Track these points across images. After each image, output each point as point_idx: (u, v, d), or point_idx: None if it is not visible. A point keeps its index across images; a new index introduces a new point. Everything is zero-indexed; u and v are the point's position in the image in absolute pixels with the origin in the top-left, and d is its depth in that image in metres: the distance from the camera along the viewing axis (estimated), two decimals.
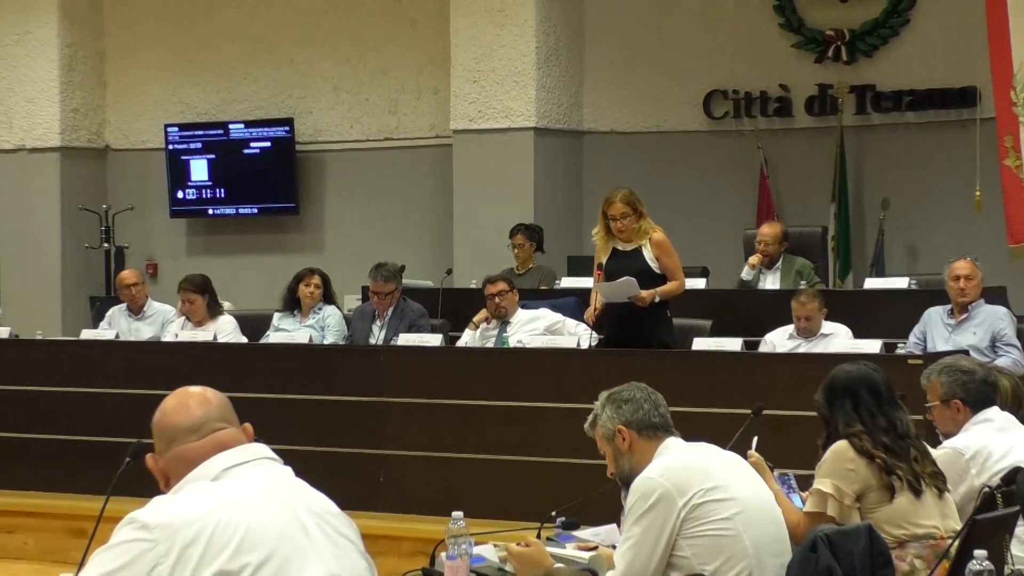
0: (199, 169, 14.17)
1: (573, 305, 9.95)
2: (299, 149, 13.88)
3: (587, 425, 5.00)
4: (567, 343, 9.23)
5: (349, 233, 13.71)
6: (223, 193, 14.18)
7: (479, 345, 9.79)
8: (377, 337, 10.03)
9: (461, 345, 9.90)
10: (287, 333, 10.17)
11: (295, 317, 10.41)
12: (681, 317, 9.20)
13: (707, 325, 9.48)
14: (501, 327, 9.85)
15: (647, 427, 4.86)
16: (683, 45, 12.80)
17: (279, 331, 10.28)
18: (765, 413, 6.36)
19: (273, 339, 10.16)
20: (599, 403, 4.97)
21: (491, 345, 9.74)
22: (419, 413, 9.01)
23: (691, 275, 9.77)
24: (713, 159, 12.79)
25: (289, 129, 13.85)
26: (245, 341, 10.28)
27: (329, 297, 10.54)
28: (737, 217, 12.29)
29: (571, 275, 11.21)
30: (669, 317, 8.93)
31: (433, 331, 9.89)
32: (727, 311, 9.93)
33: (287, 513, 3.29)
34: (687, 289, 9.15)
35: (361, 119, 13.82)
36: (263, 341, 10.19)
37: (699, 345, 8.83)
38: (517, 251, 11.60)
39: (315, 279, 10.48)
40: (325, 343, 10.11)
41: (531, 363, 9.00)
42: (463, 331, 10.09)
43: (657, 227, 8.84)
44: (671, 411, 4.94)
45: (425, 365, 9.22)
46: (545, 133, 12.75)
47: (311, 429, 8.93)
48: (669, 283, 8.76)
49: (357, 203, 13.79)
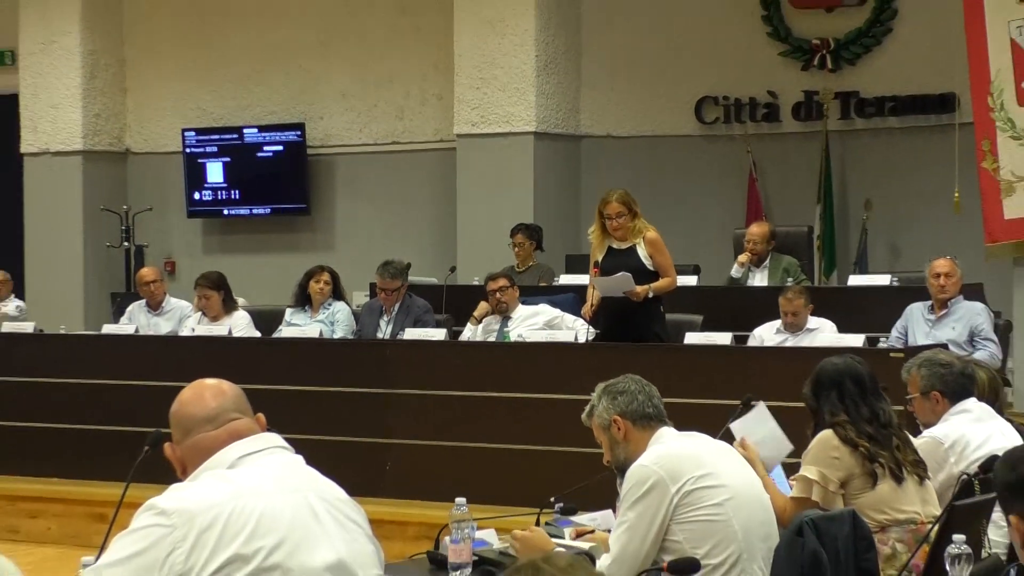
0: (215, 171, 14.17)
1: (571, 301, 9.95)
2: (310, 153, 13.87)
3: (584, 415, 5.00)
4: (565, 337, 9.23)
5: (358, 233, 13.71)
6: (238, 194, 14.17)
7: (481, 339, 9.79)
8: (384, 331, 10.03)
9: (464, 339, 9.90)
10: (298, 328, 10.17)
11: (306, 312, 10.41)
12: (673, 312, 9.20)
13: (698, 320, 9.48)
14: (502, 322, 9.85)
15: (641, 417, 4.86)
16: (676, 54, 12.79)
17: (291, 326, 10.28)
18: (754, 404, 6.35)
19: (285, 333, 10.16)
20: (596, 394, 4.97)
21: (493, 339, 9.74)
22: (424, 404, 9.01)
23: (683, 272, 9.75)
24: (704, 162, 12.79)
25: (300, 133, 13.84)
26: (258, 335, 10.28)
27: (338, 293, 10.54)
28: (727, 217, 12.29)
29: (569, 272, 11.21)
30: (662, 312, 8.93)
31: (437, 326, 9.89)
32: (718, 307, 9.92)
33: (298, 500, 3.29)
34: (679, 286, 9.15)
35: (369, 124, 13.81)
36: (276, 335, 10.19)
37: (691, 339, 8.84)
38: (517, 250, 11.59)
39: (325, 276, 10.48)
40: (335, 337, 10.11)
41: (531, 356, 9.00)
42: (466, 326, 10.10)
43: (650, 226, 8.84)
44: (664, 402, 4.94)
45: (430, 358, 9.22)
46: (544, 137, 12.75)
47: (321, 419, 8.93)
48: (662, 280, 8.75)
49: (365, 204, 13.79)
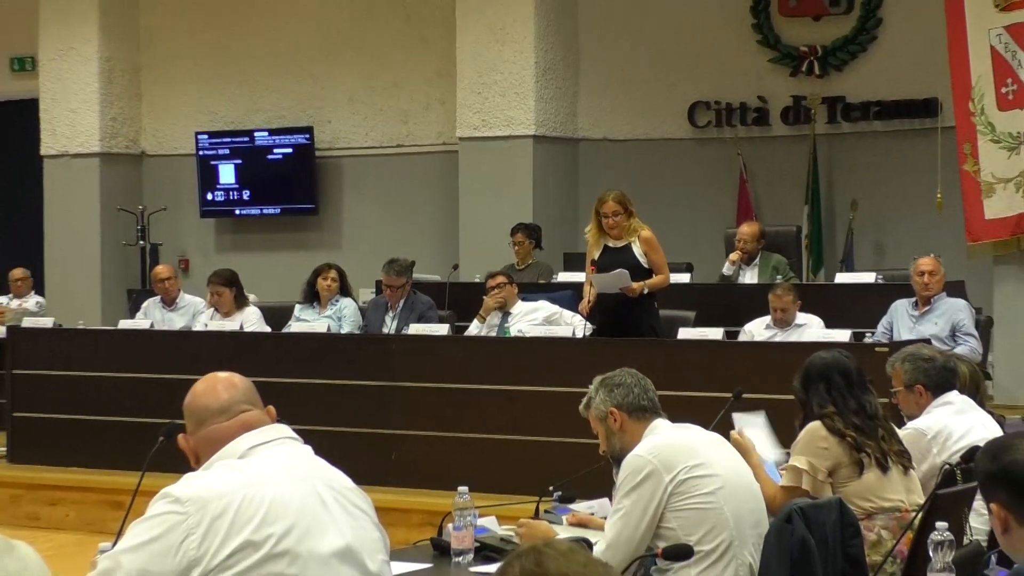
0: (227, 173, 14.16)
1: (569, 297, 9.94)
2: (318, 155, 13.87)
3: (582, 407, 5.00)
4: (563, 332, 9.22)
5: (364, 232, 13.71)
6: (248, 195, 14.17)
7: (484, 334, 9.79)
8: (389, 327, 10.03)
9: (467, 334, 9.90)
10: (307, 323, 10.17)
11: (314, 308, 10.41)
12: (667, 308, 9.20)
13: (691, 316, 9.48)
14: (503, 318, 9.85)
15: (637, 409, 4.85)
16: (669, 60, 12.78)
17: (300, 321, 10.28)
18: (744, 396, 6.35)
19: (294, 328, 10.15)
20: (593, 387, 4.97)
21: (494, 334, 9.74)
22: (427, 396, 9.01)
23: (676, 270, 9.76)
24: (697, 164, 12.78)
25: (309, 137, 13.84)
26: (269, 330, 10.27)
27: (345, 290, 10.54)
28: (718, 217, 12.29)
29: (567, 270, 11.20)
30: (656, 308, 8.93)
31: (440, 321, 9.89)
32: (710, 303, 9.92)
33: (307, 488, 3.29)
34: (672, 283, 9.15)
35: (375, 128, 13.81)
36: (285, 330, 10.18)
37: (684, 334, 8.83)
38: (517, 248, 11.59)
39: (332, 273, 10.48)
40: (342, 332, 10.11)
41: (530, 351, 8.99)
42: (468, 321, 10.09)
43: (645, 225, 8.84)
44: (659, 394, 4.94)
45: (433, 352, 9.22)
46: (543, 140, 12.74)
47: (329, 411, 8.93)
48: (656, 277, 8.76)
49: (371, 204, 13.79)
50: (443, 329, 9.59)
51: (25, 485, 9.66)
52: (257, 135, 14.04)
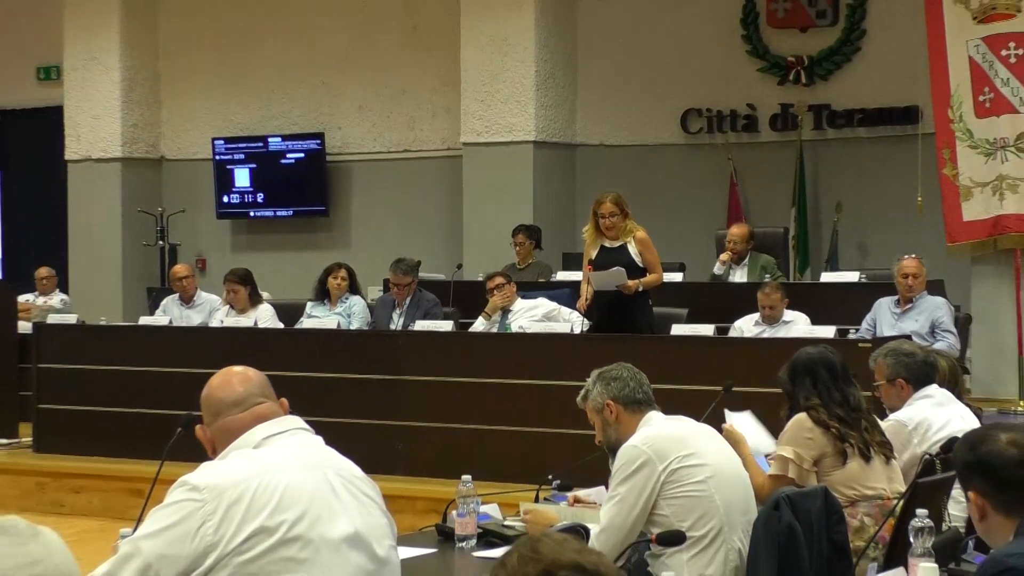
0: (242, 177, 14.17)
1: (567, 295, 9.94)
2: (329, 160, 13.87)
3: (579, 399, 5.00)
4: (562, 328, 9.23)
5: (372, 233, 13.70)
6: (263, 198, 14.17)
7: (486, 330, 9.79)
8: (396, 323, 10.03)
9: (471, 330, 9.89)
10: (318, 320, 10.17)
11: (325, 306, 10.41)
12: (661, 306, 9.20)
13: (684, 313, 9.48)
14: (504, 315, 9.85)
15: (632, 402, 4.85)
16: (663, 70, 12.78)
17: (311, 318, 10.27)
18: (734, 390, 6.36)
19: (306, 325, 10.15)
20: (590, 380, 4.97)
21: (496, 330, 9.74)
22: (433, 389, 9.00)
23: (669, 269, 9.75)
24: (689, 169, 12.78)
25: (320, 142, 13.84)
26: (281, 327, 10.27)
27: (355, 288, 10.54)
28: (710, 219, 12.28)
29: (565, 269, 11.21)
30: (650, 306, 8.93)
31: (445, 318, 9.89)
32: (701, 301, 9.92)
33: (318, 476, 3.29)
34: (666, 281, 9.15)
35: (383, 134, 13.81)
36: (297, 327, 10.18)
37: (677, 330, 8.83)
38: (518, 248, 11.59)
39: (342, 272, 10.48)
40: (351, 328, 10.11)
41: (530, 346, 8.99)
42: (472, 318, 10.08)
43: (640, 226, 8.85)
44: (653, 388, 4.94)
45: (438, 348, 9.21)
46: (543, 146, 12.74)
47: (339, 403, 8.92)
48: (650, 275, 8.76)
49: (380, 207, 13.79)
50: (448, 325, 9.59)
51: (50, 474, 9.67)
52: (271, 141, 14.04)
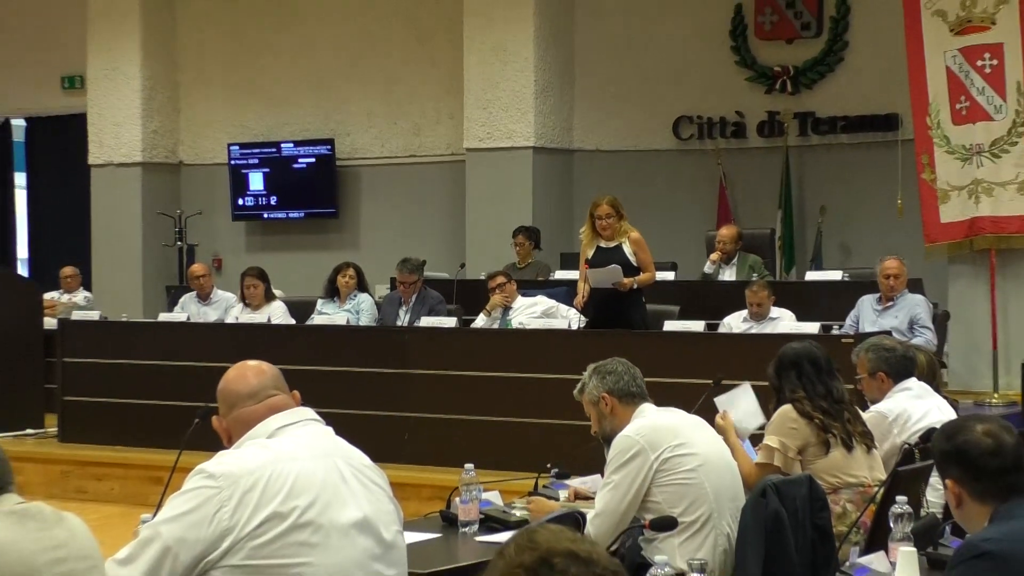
0: (256, 180, 14.16)
1: (565, 293, 9.94)
2: (339, 164, 13.87)
3: (576, 392, 5.00)
4: (560, 325, 9.22)
5: (380, 234, 13.70)
6: (276, 200, 14.17)
7: (488, 327, 9.79)
8: (403, 320, 10.03)
9: (473, 327, 9.90)
10: (328, 316, 10.17)
11: (335, 303, 10.41)
12: (654, 303, 9.19)
13: (675, 310, 9.47)
14: (505, 311, 9.86)
15: (626, 395, 4.85)
16: (656, 79, 12.78)
17: (321, 314, 10.27)
18: (724, 383, 6.35)
19: (316, 321, 10.15)
20: (586, 374, 4.97)
21: (497, 326, 9.74)
22: (437, 382, 9.00)
23: (662, 268, 9.75)
24: (680, 173, 12.78)
25: (331, 148, 13.84)
26: (293, 323, 10.27)
27: (363, 286, 10.54)
28: (700, 221, 12.28)
29: (563, 268, 11.21)
30: (644, 303, 8.92)
31: (449, 315, 9.89)
32: (692, 298, 9.92)
33: (329, 464, 3.29)
34: (658, 280, 9.15)
35: (390, 140, 13.81)
36: (308, 323, 10.19)
37: (669, 326, 8.83)
38: (518, 248, 11.59)
39: (350, 271, 10.48)
40: (360, 324, 10.11)
41: (530, 341, 8.99)
42: (475, 314, 10.09)
43: (634, 228, 8.84)
44: (646, 381, 4.94)
45: (442, 343, 9.22)
46: (542, 151, 12.74)
47: (348, 395, 8.92)
48: (644, 274, 8.76)
49: (387, 209, 13.78)
50: (451, 322, 9.59)
51: (74, 462, 9.67)
52: (283, 146, 14.04)
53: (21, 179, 15.85)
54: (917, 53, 10.58)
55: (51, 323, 10.83)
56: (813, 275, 10.80)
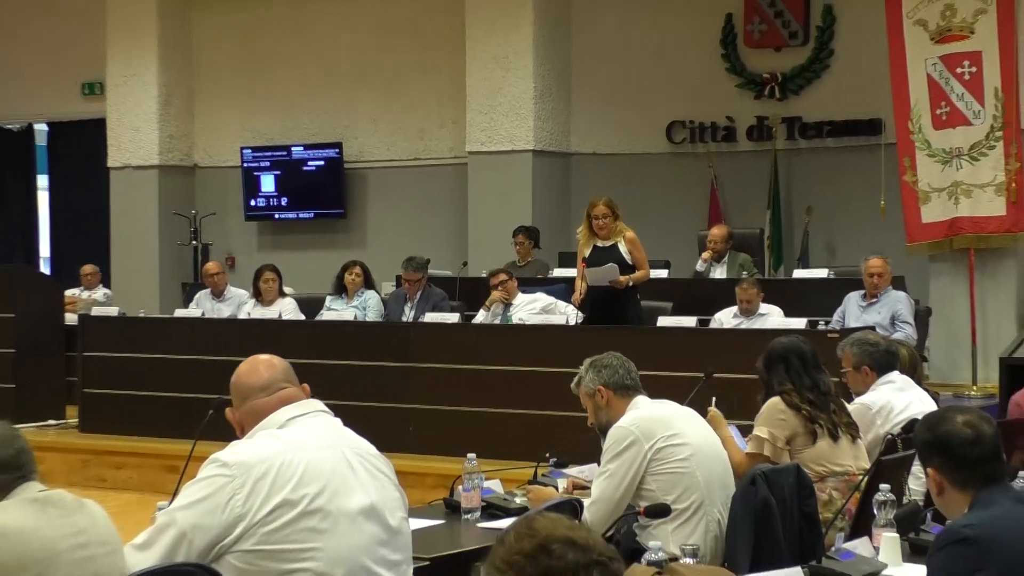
0: (267, 182, 14.16)
1: (563, 290, 9.94)
2: (347, 167, 13.86)
3: (573, 385, 5.00)
4: (558, 320, 9.23)
5: (386, 233, 13.70)
6: (286, 202, 14.16)
7: (489, 322, 9.79)
8: (408, 315, 10.02)
9: (475, 322, 9.89)
10: (336, 312, 10.17)
11: (343, 299, 10.40)
12: (648, 300, 9.18)
13: (669, 306, 9.47)
14: (505, 308, 9.85)
15: (621, 387, 4.86)
16: (650, 85, 12.77)
17: (330, 310, 10.27)
18: (715, 376, 6.35)
19: (325, 317, 10.15)
20: (583, 368, 4.97)
21: (498, 322, 9.74)
22: (441, 375, 9.01)
23: (656, 267, 9.74)
24: (673, 175, 12.77)
25: (339, 151, 13.83)
26: (303, 319, 10.27)
27: (369, 283, 10.53)
28: (692, 221, 12.28)
29: (561, 267, 11.20)
30: (638, 299, 8.91)
31: (452, 311, 9.88)
32: (685, 295, 9.92)
33: (337, 454, 3.29)
34: (653, 277, 9.13)
35: (396, 143, 13.80)
36: (318, 319, 10.19)
37: (662, 322, 8.83)
38: (518, 248, 11.58)
39: (357, 269, 10.47)
40: (367, 320, 10.10)
41: (530, 336, 9.00)
42: (477, 310, 10.08)
43: (629, 227, 8.83)
44: (640, 374, 4.94)
45: (446, 338, 9.22)
46: (541, 154, 12.73)
47: (355, 388, 8.93)
48: (639, 272, 8.74)
49: (392, 210, 13.78)
50: (454, 318, 9.59)
51: (94, 451, 9.68)
52: (294, 150, 14.03)
53: (44, 181, 15.86)
54: (899, 61, 10.59)
55: (72, 319, 10.84)
56: (800, 273, 10.79)
